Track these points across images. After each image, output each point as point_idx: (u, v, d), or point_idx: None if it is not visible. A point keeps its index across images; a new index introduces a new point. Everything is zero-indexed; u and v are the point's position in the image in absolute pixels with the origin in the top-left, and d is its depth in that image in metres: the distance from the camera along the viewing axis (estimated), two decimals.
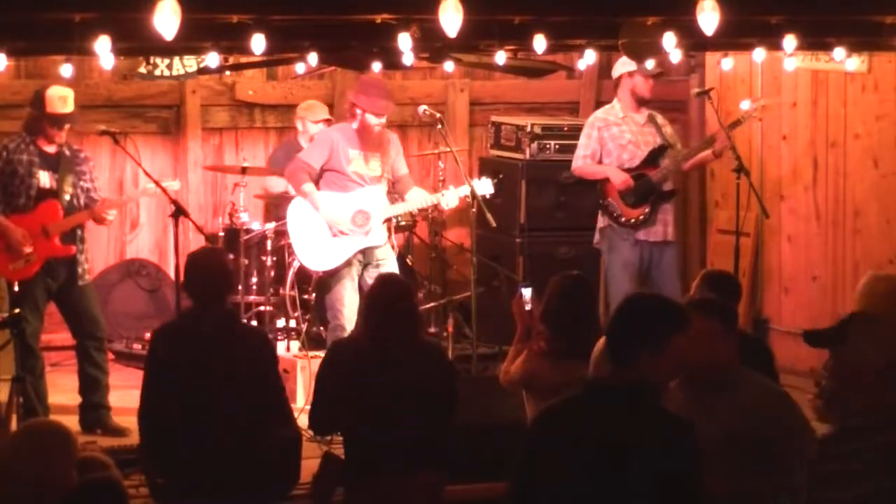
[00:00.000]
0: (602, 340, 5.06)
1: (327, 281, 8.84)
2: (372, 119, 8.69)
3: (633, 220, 9.27)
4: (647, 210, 9.26)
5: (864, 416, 4.16)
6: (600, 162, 9.40)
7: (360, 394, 5.98)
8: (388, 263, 8.82)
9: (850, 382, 4.19)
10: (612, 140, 9.38)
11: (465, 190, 8.95)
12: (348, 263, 8.74)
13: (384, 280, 6.54)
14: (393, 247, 9.06)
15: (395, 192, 9.04)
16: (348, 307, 8.72)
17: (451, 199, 8.90)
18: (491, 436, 6.92)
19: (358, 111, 8.72)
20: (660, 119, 9.54)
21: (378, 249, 8.82)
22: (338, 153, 8.73)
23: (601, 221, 9.43)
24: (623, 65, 9.43)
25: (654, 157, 9.33)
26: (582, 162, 9.48)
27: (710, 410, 4.97)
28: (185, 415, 6.12)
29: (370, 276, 8.75)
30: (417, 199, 8.95)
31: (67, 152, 8.48)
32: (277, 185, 9.89)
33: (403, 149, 10.95)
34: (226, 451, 6.06)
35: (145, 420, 6.27)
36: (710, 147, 9.40)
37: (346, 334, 8.63)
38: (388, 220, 9.00)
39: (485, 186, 8.98)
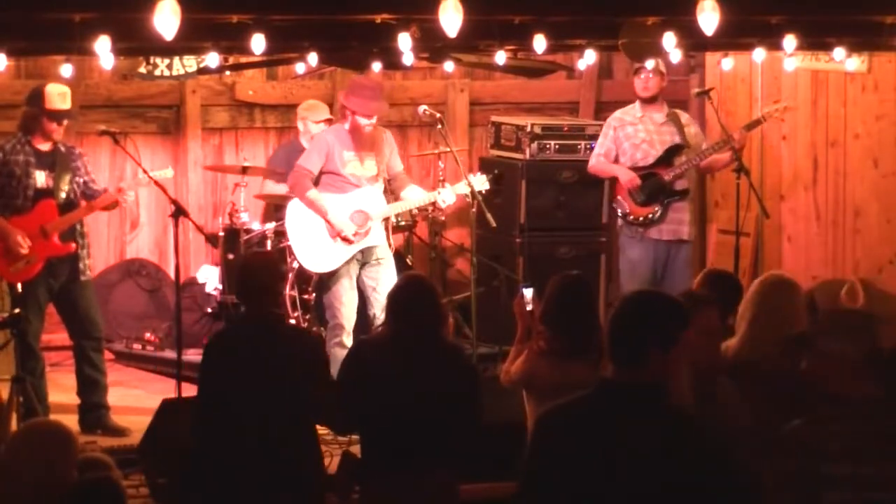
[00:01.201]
0: None
1: (325, 280, 8.86)
2: (362, 120, 8.71)
3: (640, 219, 9.28)
4: (656, 209, 9.26)
5: (840, 406, 4.22)
6: (616, 160, 9.42)
7: (380, 393, 5.97)
8: (387, 262, 8.83)
9: (825, 376, 4.25)
10: (626, 139, 9.40)
11: (461, 188, 8.97)
12: (347, 263, 8.76)
13: (408, 280, 6.47)
14: (390, 246, 9.05)
15: (391, 189, 9.05)
16: (347, 306, 8.73)
17: (447, 196, 8.92)
18: (492, 436, 6.91)
19: (348, 113, 8.75)
20: (684, 118, 9.52)
21: (377, 248, 8.83)
22: (333, 156, 8.75)
23: (618, 220, 9.48)
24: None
25: (668, 156, 9.33)
26: (595, 160, 9.53)
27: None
28: (236, 420, 6.07)
29: (368, 276, 8.78)
30: (415, 197, 8.98)
31: (62, 149, 8.47)
32: (274, 187, 9.89)
33: (403, 149, 10.97)
34: (269, 455, 6.02)
35: (198, 425, 6.21)
36: (725, 147, 9.31)
37: (345, 333, 8.65)
38: (387, 219, 9.01)
39: (480, 182, 8.99)
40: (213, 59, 7.70)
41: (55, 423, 5.22)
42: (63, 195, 8.40)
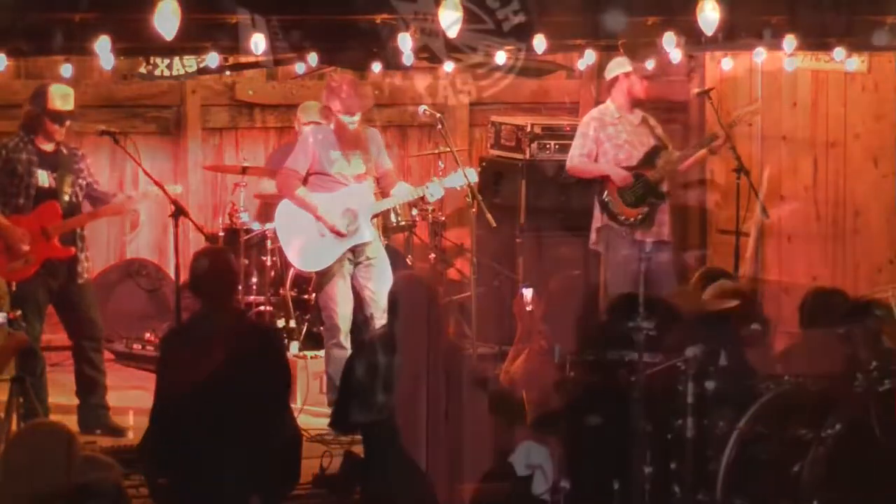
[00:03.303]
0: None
1: (319, 281, 8.86)
2: (346, 119, 8.71)
3: (630, 220, 9.31)
4: (645, 210, 9.29)
5: None
6: (595, 160, 9.42)
7: (380, 393, 5.98)
8: (380, 261, 8.81)
9: None
10: (608, 140, 9.41)
11: (449, 181, 8.96)
12: (340, 262, 8.74)
13: (405, 279, 6.52)
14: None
15: (380, 187, 9.05)
16: (342, 306, 8.72)
17: (435, 190, 8.92)
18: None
19: (331, 114, 8.76)
20: (652, 121, 9.57)
21: (368, 247, 8.81)
22: (319, 156, 8.76)
23: (598, 221, 9.44)
24: (619, 66, 9.43)
25: (650, 158, 9.35)
26: (578, 160, 9.51)
27: None
28: (195, 415, 6.09)
29: (361, 275, 8.76)
30: (402, 193, 8.96)
31: (65, 151, 8.46)
32: (271, 186, 9.89)
33: (403, 149, 10.97)
34: (232, 451, 6.04)
35: (157, 421, 6.25)
36: (706, 146, 9.41)
37: (341, 334, 8.64)
38: (377, 217, 9.03)
39: (469, 175, 8.98)
40: (213, 59, 7.71)
41: (55, 424, 5.22)
42: (66, 197, 8.38)
